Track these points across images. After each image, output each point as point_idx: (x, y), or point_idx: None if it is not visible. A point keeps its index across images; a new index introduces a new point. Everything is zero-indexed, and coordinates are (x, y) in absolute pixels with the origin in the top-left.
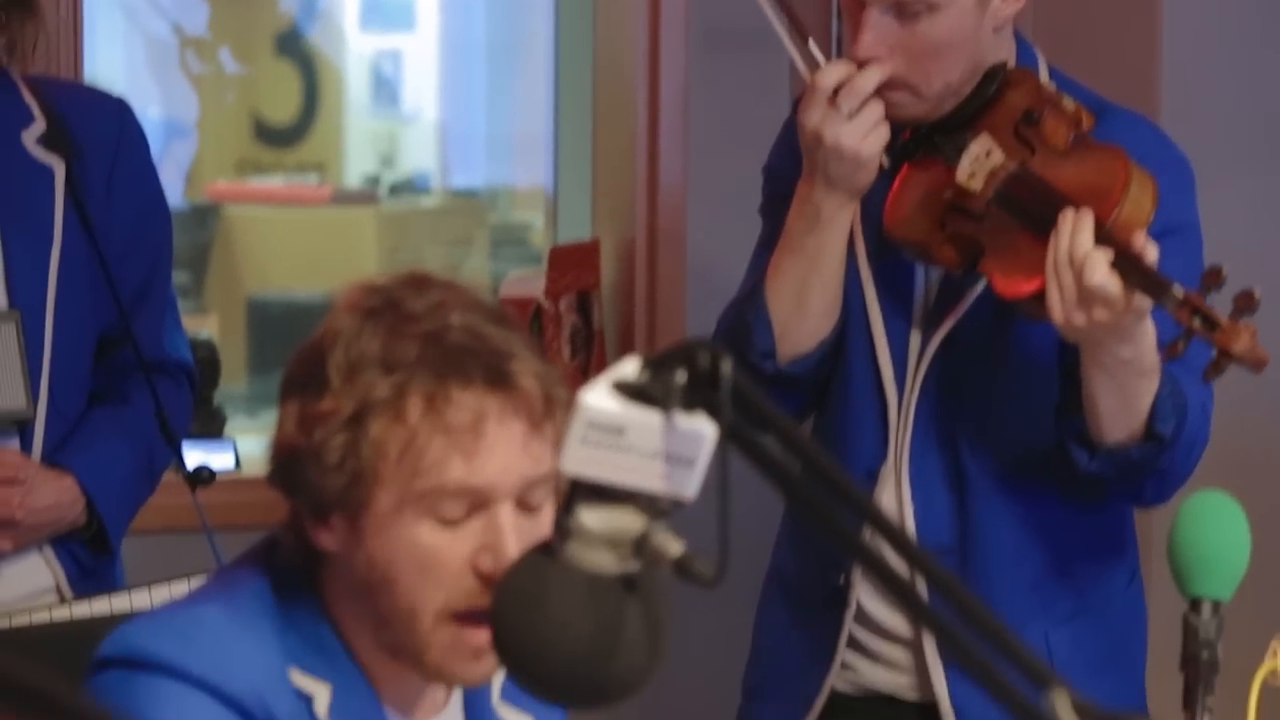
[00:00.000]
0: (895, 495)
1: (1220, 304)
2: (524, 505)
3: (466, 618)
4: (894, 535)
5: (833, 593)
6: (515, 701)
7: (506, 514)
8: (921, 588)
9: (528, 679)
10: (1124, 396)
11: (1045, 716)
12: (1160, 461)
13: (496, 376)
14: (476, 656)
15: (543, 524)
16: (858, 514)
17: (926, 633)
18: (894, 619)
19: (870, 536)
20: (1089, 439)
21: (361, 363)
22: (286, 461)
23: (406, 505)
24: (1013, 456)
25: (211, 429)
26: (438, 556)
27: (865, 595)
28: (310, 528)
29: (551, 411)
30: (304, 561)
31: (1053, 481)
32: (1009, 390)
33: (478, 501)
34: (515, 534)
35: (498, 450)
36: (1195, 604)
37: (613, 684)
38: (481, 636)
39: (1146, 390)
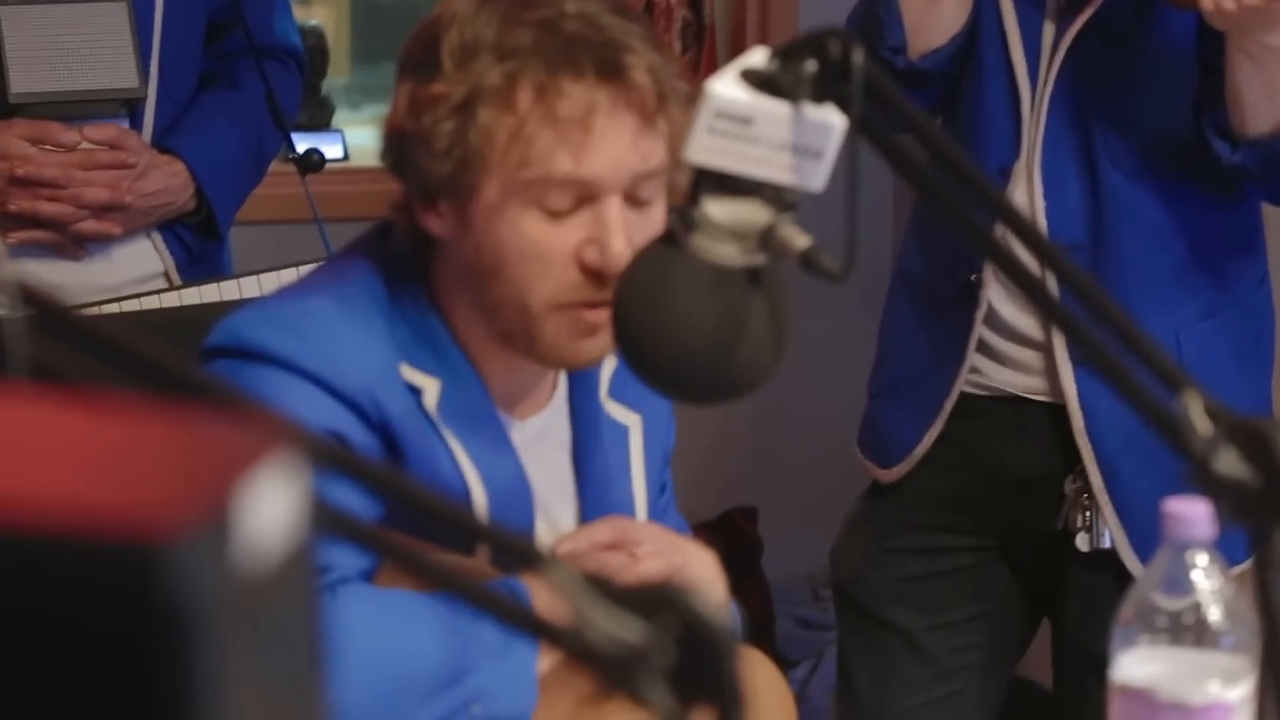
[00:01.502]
0: (1027, 192)
1: None
2: (633, 199)
3: (575, 306)
4: (1026, 231)
5: (963, 292)
6: (623, 399)
7: (614, 208)
8: (1053, 285)
9: (648, 369)
10: (1269, 86)
11: (1175, 418)
12: None
13: (609, 69)
14: (590, 334)
15: (653, 219)
16: (990, 210)
17: (1056, 332)
18: (1024, 320)
19: (1002, 233)
20: (1231, 132)
21: (475, 48)
22: (396, 143)
23: (512, 195)
24: (1148, 151)
25: (320, 119)
26: (543, 247)
27: (995, 296)
28: (419, 211)
29: (664, 106)
30: (414, 247)
31: (1188, 177)
32: (1146, 82)
33: (585, 194)
34: (622, 228)
35: (606, 143)
36: None
37: (734, 376)
38: (593, 316)
39: None
